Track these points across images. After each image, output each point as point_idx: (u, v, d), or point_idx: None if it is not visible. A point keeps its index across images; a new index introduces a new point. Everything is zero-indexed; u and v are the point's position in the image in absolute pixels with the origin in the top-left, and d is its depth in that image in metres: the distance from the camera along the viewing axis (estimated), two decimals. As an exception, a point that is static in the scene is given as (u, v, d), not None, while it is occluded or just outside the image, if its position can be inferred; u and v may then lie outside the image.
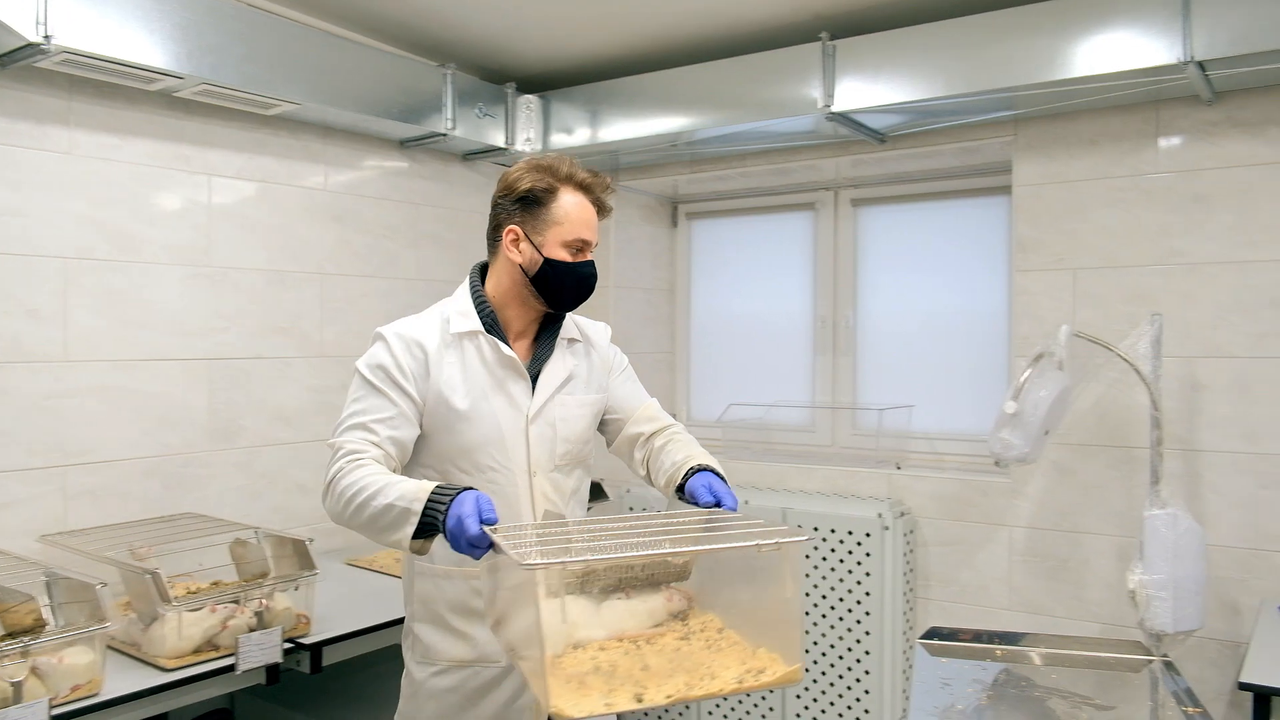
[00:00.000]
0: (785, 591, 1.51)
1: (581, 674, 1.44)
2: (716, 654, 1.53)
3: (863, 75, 3.05)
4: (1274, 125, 2.84)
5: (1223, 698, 2.89)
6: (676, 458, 1.94)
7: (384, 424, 1.81)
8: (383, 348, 1.87)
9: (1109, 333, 2.91)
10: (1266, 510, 2.85)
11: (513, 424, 1.90)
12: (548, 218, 1.89)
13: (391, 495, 1.66)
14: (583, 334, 2.07)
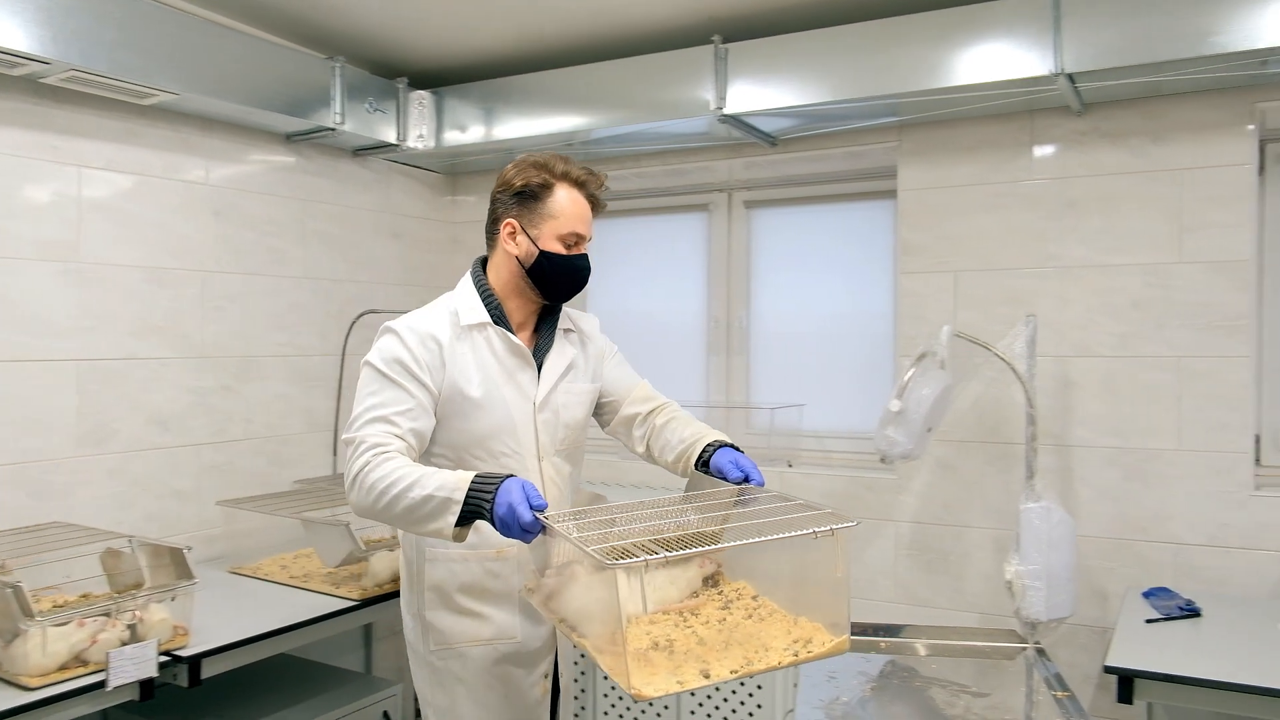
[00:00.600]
0: (837, 572, 1.57)
1: (643, 651, 1.50)
2: (761, 624, 1.60)
3: (754, 79, 3.10)
4: (1137, 136, 2.99)
5: (1091, 681, 3.03)
6: (684, 434, 2.04)
7: (404, 415, 1.86)
8: (395, 341, 1.92)
9: (988, 333, 3.02)
10: (1131, 501, 3.00)
11: (522, 411, 1.99)
12: (543, 212, 1.98)
13: (430, 486, 1.72)
14: (576, 326, 2.16)
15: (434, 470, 1.76)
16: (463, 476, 1.72)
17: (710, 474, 1.93)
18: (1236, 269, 2.88)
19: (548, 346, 2.07)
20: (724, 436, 2.01)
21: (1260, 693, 2.14)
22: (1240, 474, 2.89)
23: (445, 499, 1.70)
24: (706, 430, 2.04)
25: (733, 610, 1.65)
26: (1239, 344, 2.88)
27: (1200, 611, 2.63)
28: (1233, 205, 2.88)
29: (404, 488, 1.73)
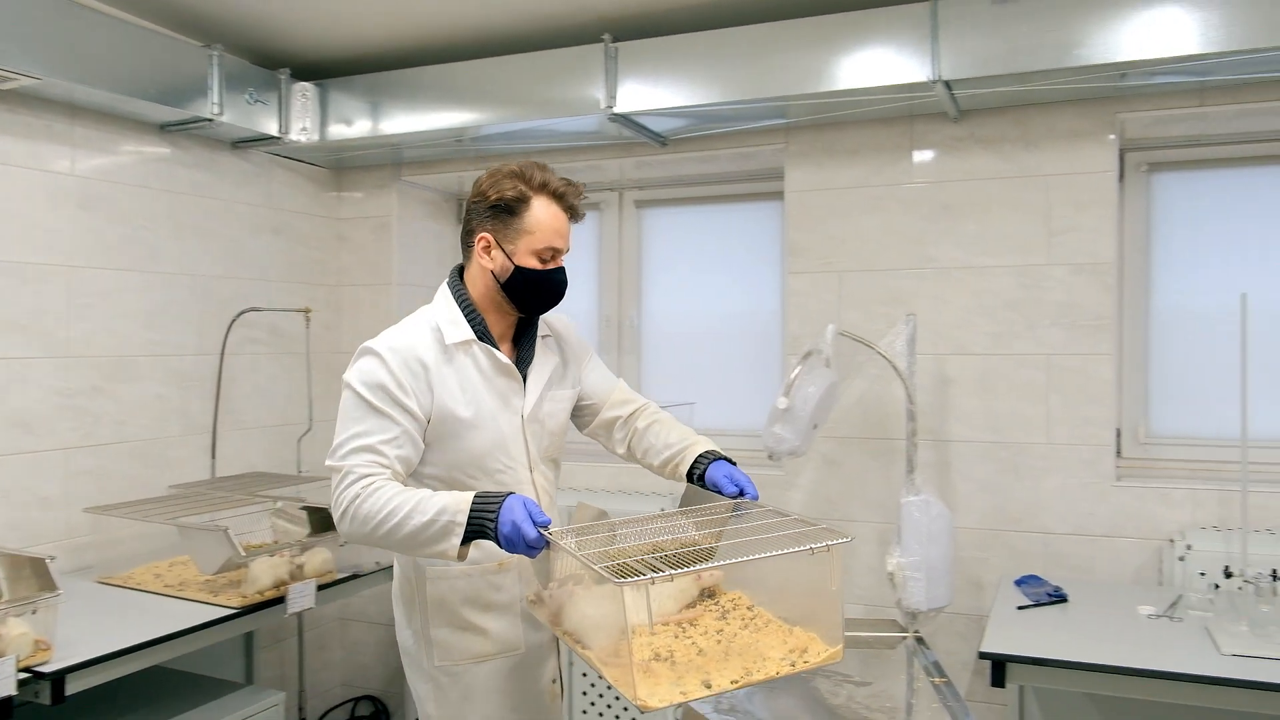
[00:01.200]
0: (832, 586, 1.62)
1: (646, 662, 1.55)
2: (757, 634, 1.65)
3: (644, 78, 3.11)
4: (1009, 143, 3.12)
5: (968, 667, 3.15)
6: (670, 439, 2.05)
7: (390, 444, 1.84)
8: (378, 365, 1.88)
9: (870, 332, 3.11)
10: (1005, 494, 3.13)
11: (511, 425, 1.98)
12: (519, 226, 1.92)
13: (431, 511, 1.73)
14: (551, 329, 2.14)
15: (430, 494, 1.77)
16: (462, 498, 1.74)
17: (706, 487, 1.94)
18: (1100, 271, 3.03)
19: (530, 357, 2.05)
20: (712, 445, 2.03)
21: (1122, 672, 2.25)
22: (1103, 466, 3.05)
23: (448, 522, 1.72)
24: (692, 437, 2.05)
25: (729, 621, 1.69)
26: (1102, 342, 3.04)
27: (1067, 597, 2.76)
28: (1096, 210, 3.03)
29: (403, 516, 1.74)
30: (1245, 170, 3.16)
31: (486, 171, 1.98)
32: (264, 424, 3.74)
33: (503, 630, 2.01)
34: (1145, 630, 2.49)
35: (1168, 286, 3.22)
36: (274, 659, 3.79)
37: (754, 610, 1.74)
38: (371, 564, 3.19)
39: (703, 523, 1.76)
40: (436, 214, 4.21)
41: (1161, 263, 3.23)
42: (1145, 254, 3.23)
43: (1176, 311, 3.21)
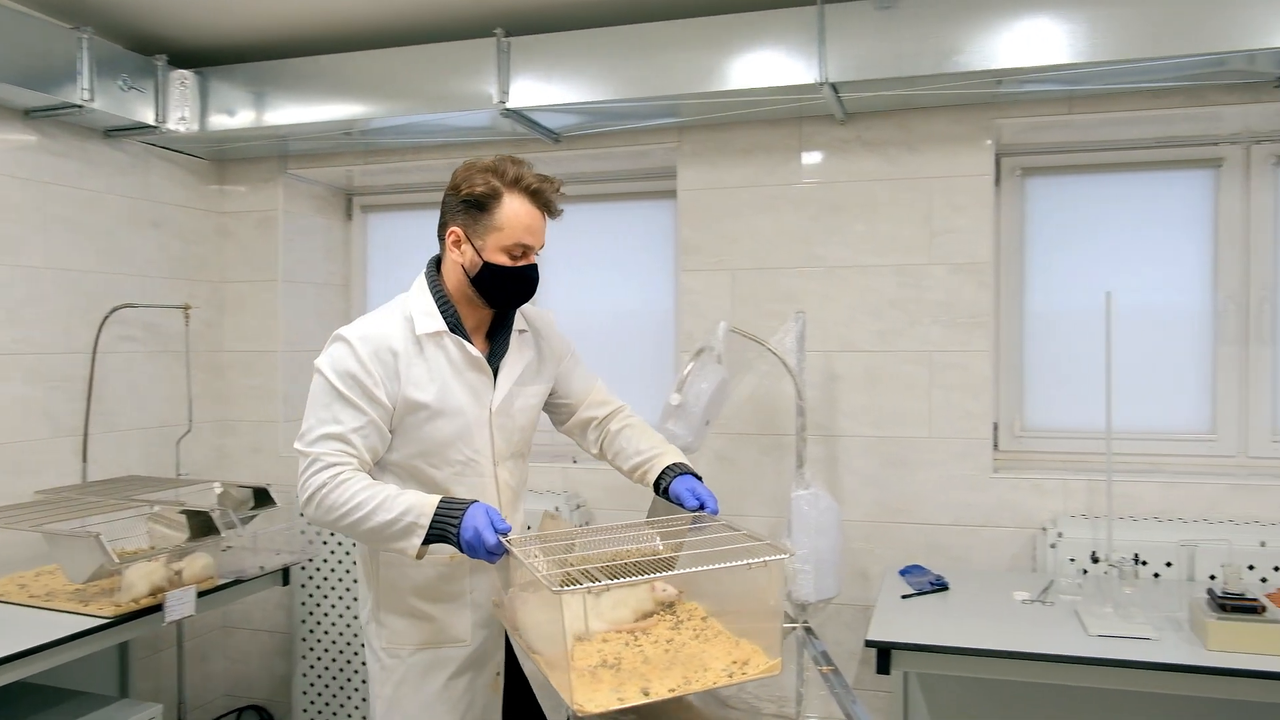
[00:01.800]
0: (770, 600, 1.66)
1: (592, 668, 1.59)
2: (705, 644, 1.68)
3: (537, 74, 3.10)
4: (893, 145, 3.21)
5: (855, 656, 3.23)
6: (641, 446, 2.10)
7: (357, 434, 1.87)
8: (348, 353, 1.89)
9: (761, 329, 3.16)
10: (889, 487, 3.22)
11: (478, 418, 1.98)
12: (489, 222, 1.92)
13: (396, 509, 1.78)
14: (530, 325, 2.15)
15: (397, 491, 1.81)
16: (428, 501, 1.78)
17: (669, 499, 1.98)
18: (977, 270, 3.15)
19: (503, 351, 2.06)
20: (680, 456, 2.07)
21: (998, 655, 2.35)
22: (981, 459, 3.17)
23: (411, 523, 1.77)
24: (662, 446, 2.10)
25: (681, 631, 1.73)
26: (980, 339, 3.15)
27: (948, 585, 2.86)
28: (974, 212, 3.15)
29: (368, 511, 1.79)
30: (1111, 176, 3.32)
31: (463, 164, 1.98)
32: (140, 425, 3.59)
33: (450, 621, 2.03)
34: (1020, 615, 2.60)
35: (1040, 286, 3.37)
36: (151, 670, 3.63)
37: (708, 621, 1.78)
38: (255, 569, 3.09)
39: (661, 535, 1.81)
40: (325, 208, 4.11)
41: (1034, 263, 3.37)
42: (1019, 255, 3.37)
43: (1048, 310, 3.36)
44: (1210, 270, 3.25)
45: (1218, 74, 2.82)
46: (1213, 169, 3.25)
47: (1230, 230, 3.23)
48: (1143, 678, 2.27)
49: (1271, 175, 3.20)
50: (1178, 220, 3.28)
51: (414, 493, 1.82)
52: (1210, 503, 2.99)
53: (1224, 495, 2.98)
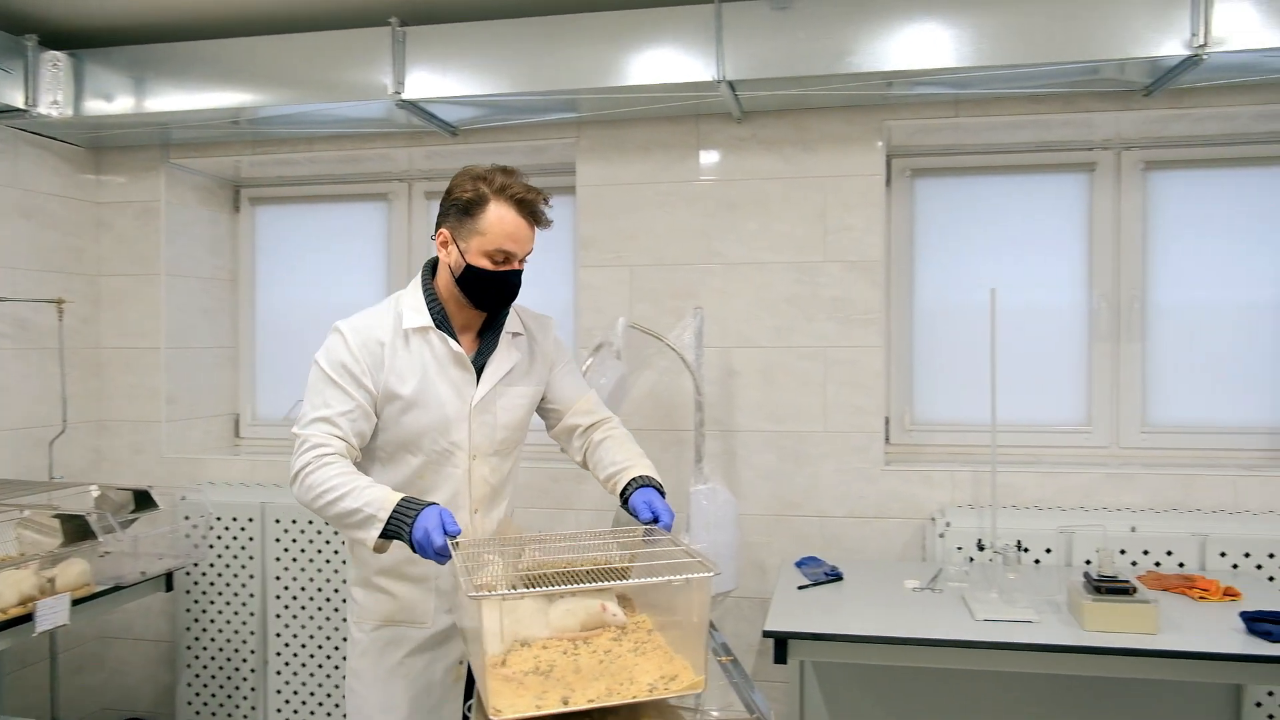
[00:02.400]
0: (693, 617, 1.67)
1: (522, 674, 1.62)
2: (641, 658, 1.69)
3: (433, 65, 3.04)
4: (788, 145, 3.27)
5: (754, 648, 3.28)
6: (617, 458, 2.14)
7: (345, 417, 1.97)
8: (340, 343, 2.02)
9: (660, 325, 3.18)
10: (785, 481, 3.28)
11: (457, 412, 2.05)
12: (474, 227, 1.98)
13: (359, 500, 1.84)
14: (525, 327, 2.20)
15: (367, 484, 1.88)
16: (390, 497, 1.84)
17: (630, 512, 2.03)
18: (869, 268, 3.23)
19: (491, 349, 2.11)
20: (648, 470, 2.10)
21: (890, 641, 2.41)
22: (873, 452, 3.25)
23: (370, 515, 1.83)
24: (635, 459, 2.13)
25: (623, 643, 1.74)
26: (872, 335, 3.23)
27: (843, 575, 2.92)
28: (866, 211, 3.23)
29: (337, 496, 1.86)
30: (995, 178, 3.45)
31: (463, 170, 2.04)
32: (8, 426, 3.39)
33: (413, 601, 2.10)
34: (911, 602, 2.67)
35: (928, 284, 3.48)
36: (22, 685, 3.44)
37: (652, 635, 1.78)
38: (136, 574, 2.96)
39: (612, 545, 1.85)
40: (210, 200, 3.96)
41: (923, 261, 3.48)
42: (909, 253, 3.48)
43: (936, 307, 3.48)
44: (1086, 270, 3.41)
45: (1092, 81, 2.95)
46: (1087, 173, 3.41)
47: (1103, 232, 3.39)
48: (1025, 659, 2.36)
49: (1141, 180, 3.36)
50: (1056, 222, 3.43)
51: (382, 487, 1.88)
52: (1086, 491, 3.13)
53: (1098, 484, 3.13)
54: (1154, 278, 3.38)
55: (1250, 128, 3.23)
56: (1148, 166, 3.37)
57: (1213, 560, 2.94)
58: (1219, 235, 3.34)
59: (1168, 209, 3.37)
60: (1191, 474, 3.10)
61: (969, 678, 3.02)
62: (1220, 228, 3.34)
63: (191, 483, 3.68)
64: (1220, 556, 2.94)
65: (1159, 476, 3.11)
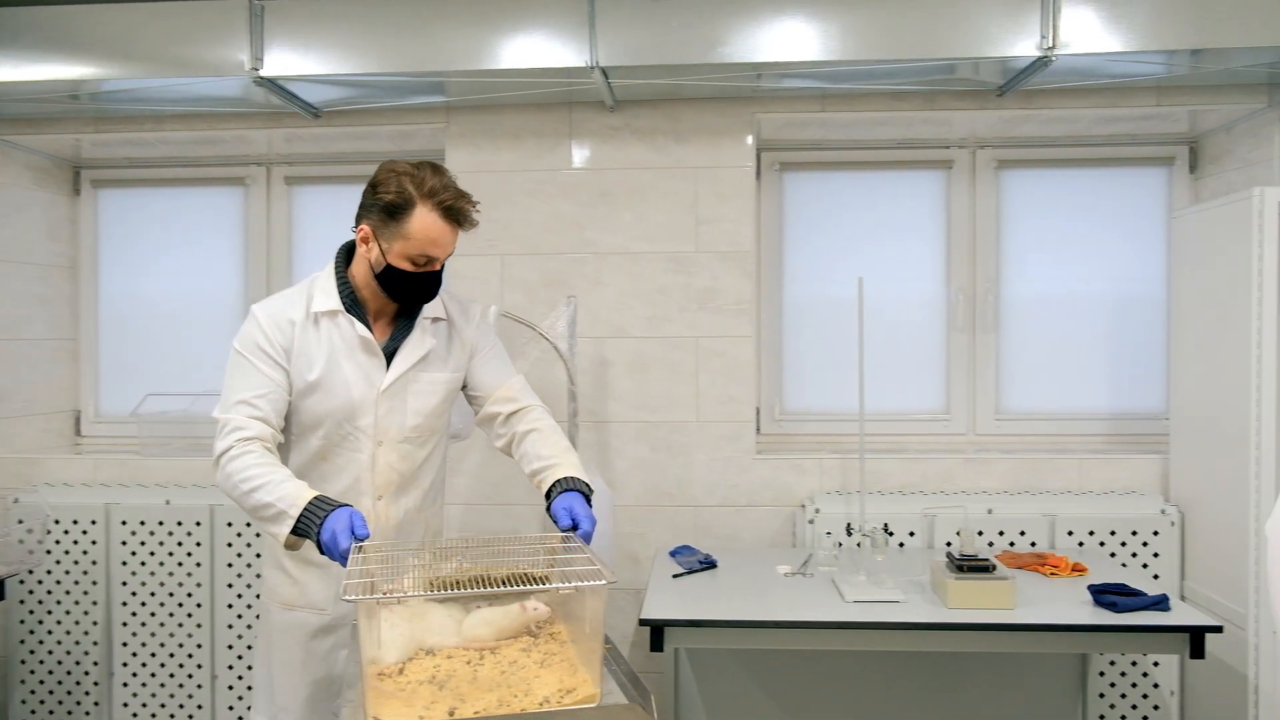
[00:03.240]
0: (585, 628, 1.65)
1: (416, 683, 1.58)
2: (544, 670, 1.64)
3: (294, 41, 2.91)
4: (661, 135, 3.27)
5: (628, 638, 3.26)
6: (542, 452, 2.09)
7: (262, 398, 1.96)
8: (254, 325, 2.01)
9: (533, 314, 3.13)
10: (658, 471, 3.28)
11: (364, 397, 2.03)
12: (397, 230, 1.94)
13: (273, 494, 1.82)
14: (447, 313, 2.15)
15: (283, 477, 1.85)
16: (303, 494, 1.81)
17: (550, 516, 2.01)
18: (741, 259, 3.27)
19: (404, 335, 2.08)
20: (575, 470, 2.06)
21: (766, 626, 2.43)
22: (745, 441, 3.28)
23: (281, 512, 1.80)
24: (562, 456, 2.08)
25: (531, 654, 1.69)
26: (744, 325, 3.27)
27: (717, 563, 2.94)
28: (737, 202, 3.26)
29: (251, 488, 1.84)
30: (860, 174, 3.54)
31: (390, 164, 1.98)
32: None
33: (315, 588, 2.09)
34: (784, 587, 2.71)
35: (796, 276, 3.55)
36: None
37: (564, 647, 1.74)
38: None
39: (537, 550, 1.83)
40: (47, 181, 3.68)
41: (791, 254, 3.54)
42: (778, 245, 3.53)
43: (804, 299, 3.55)
44: (944, 264, 3.54)
45: (949, 80, 3.06)
46: (945, 171, 3.54)
47: (959, 228, 3.53)
48: (894, 638, 2.42)
49: (994, 178, 3.52)
50: (917, 218, 3.55)
51: (298, 483, 1.85)
52: (946, 476, 3.25)
53: (958, 469, 3.25)
54: (1007, 272, 3.53)
55: (1091, 130, 3.41)
56: (1000, 165, 3.53)
57: (1061, 539, 3.10)
58: (1063, 232, 3.52)
59: (1019, 206, 3.53)
60: (1041, 458, 3.26)
61: (838, 658, 3.09)
62: (1064, 225, 3.52)
63: (26, 484, 3.41)
64: (1068, 535, 3.10)
65: (1012, 461, 3.25)
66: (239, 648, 3.26)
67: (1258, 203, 2.68)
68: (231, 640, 3.26)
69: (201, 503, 3.26)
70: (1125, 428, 3.48)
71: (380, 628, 1.60)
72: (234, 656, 3.27)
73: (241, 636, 3.26)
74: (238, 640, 3.26)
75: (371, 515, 2.04)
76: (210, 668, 3.28)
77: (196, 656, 3.27)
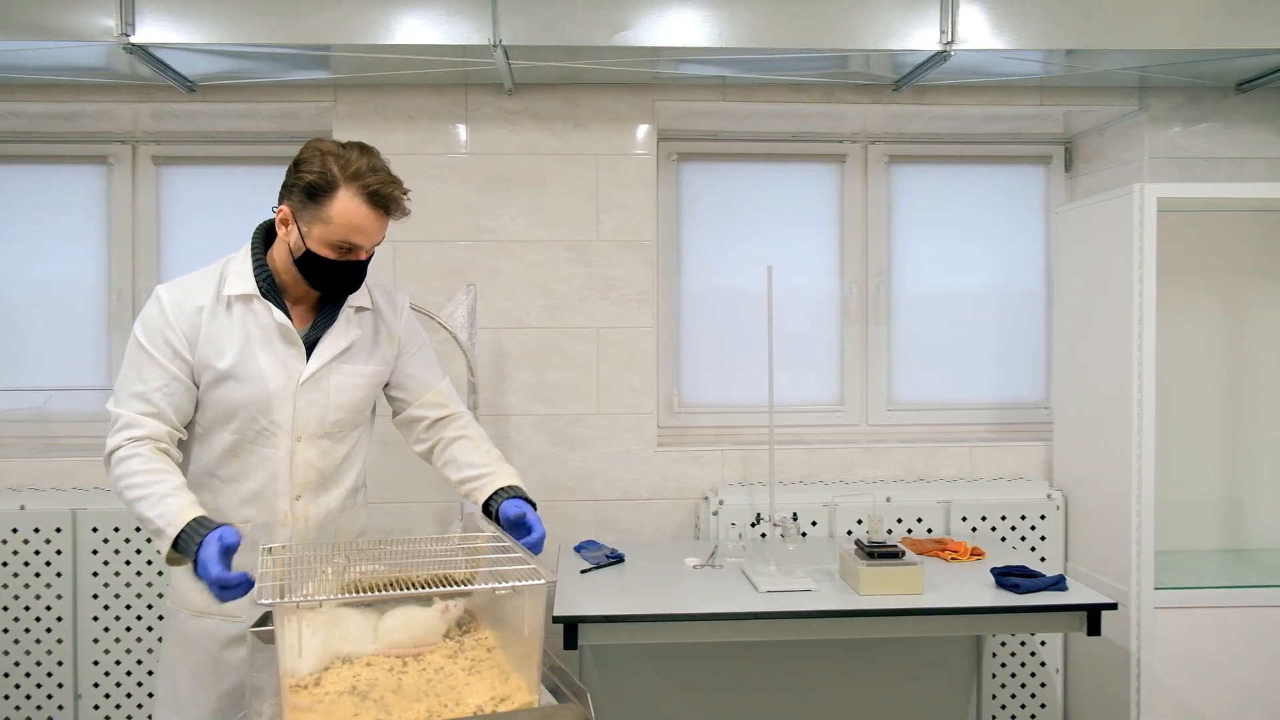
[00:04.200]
0: (523, 630, 1.54)
1: (335, 694, 1.47)
2: (474, 677, 1.54)
3: (169, 6, 2.68)
4: (560, 120, 3.20)
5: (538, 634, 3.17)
6: (475, 460, 2.01)
7: (160, 393, 1.82)
8: (158, 310, 1.84)
9: (428, 303, 3.00)
10: (559, 465, 3.21)
11: (281, 389, 1.88)
12: (318, 214, 1.81)
13: (154, 509, 1.71)
14: (374, 302, 2.02)
15: (167, 490, 1.72)
16: (182, 514, 1.69)
17: (499, 523, 1.92)
18: (642, 248, 3.22)
19: (327, 324, 1.93)
20: (514, 479, 2.00)
21: (683, 619, 2.39)
22: (646, 434, 3.24)
23: (160, 529, 1.69)
24: (496, 465, 2.02)
25: (458, 660, 1.57)
26: (645, 316, 3.23)
27: (624, 558, 2.89)
28: (637, 191, 3.22)
29: (138, 496, 1.73)
30: (758, 165, 3.55)
31: (317, 142, 1.85)
32: None
33: None
34: (694, 580, 2.68)
35: (693, 266, 3.53)
36: None
37: (492, 653, 1.62)
38: None
39: (457, 552, 1.75)
40: (-128, 156, 3.32)
41: (688, 244, 3.52)
42: (675, 235, 3.50)
43: (700, 290, 3.52)
44: (838, 257, 3.58)
45: (845, 74, 3.09)
46: (838, 164, 3.58)
47: (852, 221, 3.58)
48: (811, 626, 2.42)
49: (885, 173, 3.58)
50: (812, 210, 3.57)
51: (181, 498, 1.72)
52: (845, 466, 3.29)
53: (855, 459, 3.29)
54: (898, 265, 3.61)
55: (977, 128, 3.51)
56: (891, 160, 3.59)
57: (956, 525, 3.18)
58: (950, 227, 3.62)
59: (909, 201, 3.61)
60: (934, 447, 3.33)
61: (738, 649, 3.08)
62: (951, 220, 3.62)
63: None
64: (962, 520, 3.18)
65: (907, 450, 3.32)
66: (106, 663, 3.00)
67: (1138, 199, 2.81)
68: (98, 656, 3.00)
69: (62, 507, 2.99)
70: (1009, 416, 3.60)
71: (301, 634, 1.48)
72: (100, 674, 3.01)
73: (109, 651, 3.00)
74: (104, 655, 3.01)
75: (289, 516, 1.92)
76: (73, 687, 3.01)
77: (57, 675, 3.00)
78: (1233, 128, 3.29)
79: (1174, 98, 3.27)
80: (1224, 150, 3.29)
